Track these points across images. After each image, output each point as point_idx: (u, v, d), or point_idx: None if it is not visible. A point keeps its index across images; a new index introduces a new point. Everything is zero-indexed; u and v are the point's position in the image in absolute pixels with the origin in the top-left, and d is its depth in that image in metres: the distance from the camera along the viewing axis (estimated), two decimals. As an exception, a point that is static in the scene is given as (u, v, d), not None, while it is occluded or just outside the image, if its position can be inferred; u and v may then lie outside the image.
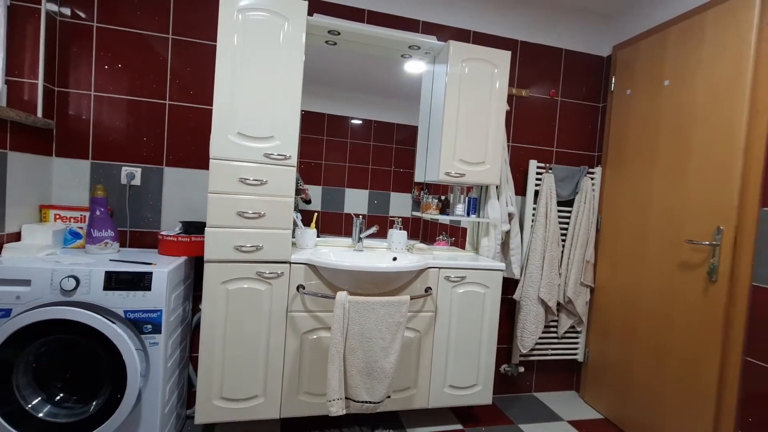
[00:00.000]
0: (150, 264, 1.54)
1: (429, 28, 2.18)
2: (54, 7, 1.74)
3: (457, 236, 2.32)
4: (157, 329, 1.48)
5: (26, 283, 1.38)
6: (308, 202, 2.09)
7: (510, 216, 2.22)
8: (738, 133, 1.64)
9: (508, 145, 2.33)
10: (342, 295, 1.64)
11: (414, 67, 2.18)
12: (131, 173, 1.87)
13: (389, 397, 1.78)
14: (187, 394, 1.96)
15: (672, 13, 2.02)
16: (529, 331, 2.27)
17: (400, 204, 2.24)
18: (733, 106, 1.67)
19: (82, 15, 1.80)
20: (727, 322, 1.65)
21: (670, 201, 1.93)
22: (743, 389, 1.61)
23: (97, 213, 1.68)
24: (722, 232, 1.67)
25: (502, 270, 1.96)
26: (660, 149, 2.00)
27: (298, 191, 1.70)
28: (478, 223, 2.25)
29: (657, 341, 1.94)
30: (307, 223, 2.00)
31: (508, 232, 2.24)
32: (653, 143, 2.04)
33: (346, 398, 1.68)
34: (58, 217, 1.74)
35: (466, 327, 1.93)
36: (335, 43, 2.04)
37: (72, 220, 1.76)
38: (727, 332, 1.65)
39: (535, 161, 2.33)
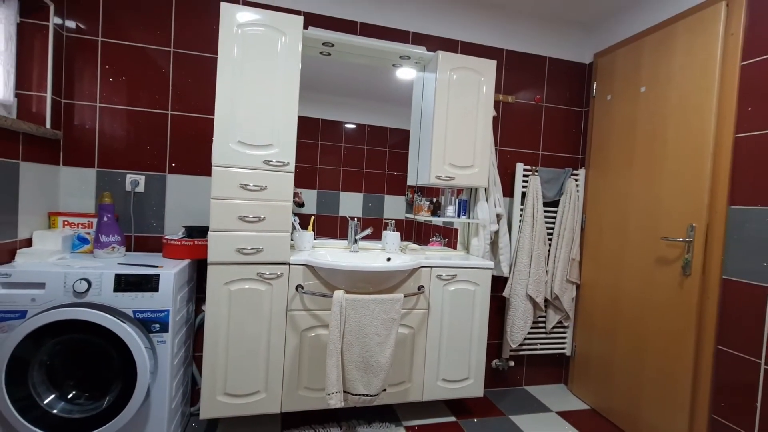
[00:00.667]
0: (156, 267, 1.63)
1: (419, 39, 2.29)
2: (61, 23, 1.82)
3: (450, 237, 2.41)
4: (164, 328, 1.57)
5: (41, 286, 1.46)
6: (301, 205, 2.17)
7: (498, 216, 2.33)
8: (707, 137, 1.75)
9: (496, 149, 2.43)
10: (339, 294, 1.73)
11: (405, 73, 2.28)
12: (135, 180, 1.95)
13: (385, 390, 1.87)
14: (191, 392, 2.04)
15: (647, 23, 2.14)
16: (518, 327, 2.37)
17: (393, 206, 2.32)
18: (702, 111, 1.78)
19: (88, 30, 1.88)
20: (701, 313, 1.77)
21: (647, 201, 2.04)
22: (716, 376, 1.72)
23: (105, 219, 1.76)
24: (695, 229, 1.79)
25: (491, 268, 2.07)
26: (638, 152, 2.12)
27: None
28: (468, 223, 2.35)
29: (637, 333, 2.05)
30: (304, 226, 2.09)
31: (497, 232, 2.34)
32: (632, 146, 2.16)
33: (344, 392, 1.77)
34: (66, 223, 1.81)
35: (457, 323, 2.02)
36: (329, 54, 2.13)
37: (79, 226, 1.84)
38: (700, 323, 1.77)
39: (522, 164, 2.44)
